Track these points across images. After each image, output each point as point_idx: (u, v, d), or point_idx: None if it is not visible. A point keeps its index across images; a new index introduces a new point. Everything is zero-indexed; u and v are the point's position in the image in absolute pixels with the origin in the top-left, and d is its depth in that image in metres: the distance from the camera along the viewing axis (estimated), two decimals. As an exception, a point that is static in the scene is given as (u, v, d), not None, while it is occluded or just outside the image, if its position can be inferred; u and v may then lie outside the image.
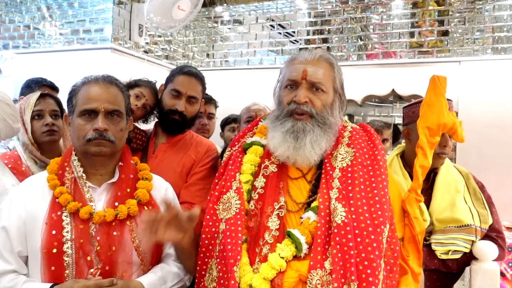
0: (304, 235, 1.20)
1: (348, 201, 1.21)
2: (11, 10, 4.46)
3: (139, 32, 4.14)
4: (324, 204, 1.22)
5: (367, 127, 1.42)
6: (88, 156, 1.36)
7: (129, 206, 1.34)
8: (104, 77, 1.40)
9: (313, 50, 1.36)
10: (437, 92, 1.51)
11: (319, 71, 1.31)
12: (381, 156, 1.31)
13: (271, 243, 1.22)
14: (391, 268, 1.22)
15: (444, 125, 1.51)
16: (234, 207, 1.29)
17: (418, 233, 1.35)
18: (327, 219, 1.20)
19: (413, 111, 1.91)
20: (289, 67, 1.36)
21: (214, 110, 2.83)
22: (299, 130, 1.29)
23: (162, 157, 1.85)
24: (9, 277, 1.27)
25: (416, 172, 1.47)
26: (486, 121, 3.58)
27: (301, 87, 1.31)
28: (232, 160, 1.42)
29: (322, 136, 1.30)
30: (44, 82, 2.79)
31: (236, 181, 1.35)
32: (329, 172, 1.28)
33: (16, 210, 1.31)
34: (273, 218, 1.25)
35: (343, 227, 1.16)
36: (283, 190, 1.30)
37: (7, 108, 1.62)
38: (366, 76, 4.04)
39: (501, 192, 3.25)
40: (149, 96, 1.98)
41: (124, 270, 1.30)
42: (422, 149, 1.48)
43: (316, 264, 1.14)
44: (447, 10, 3.85)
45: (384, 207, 1.22)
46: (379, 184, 1.25)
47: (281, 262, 1.17)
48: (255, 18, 4.64)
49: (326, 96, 1.32)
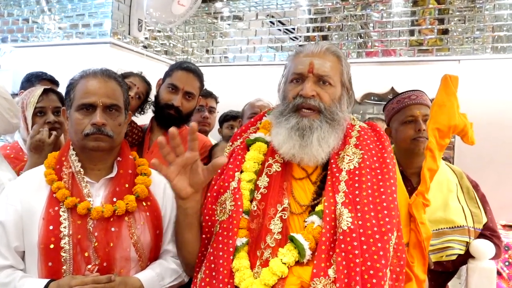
0: (307, 241, 1.14)
1: (355, 206, 1.15)
2: (10, 3, 4.43)
3: (139, 27, 4.12)
4: (330, 208, 1.16)
5: (376, 127, 1.36)
6: (86, 151, 1.35)
7: (127, 202, 1.33)
8: (103, 71, 1.39)
9: (319, 42, 1.30)
10: (449, 92, 1.43)
11: (327, 64, 1.25)
12: (390, 159, 1.26)
13: (273, 247, 1.16)
14: (397, 276, 1.16)
15: (454, 127, 1.43)
16: (228, 210, 1.23)
17: (424, 239, 1.29)
18: (332, 224, 1.14)
19: (393, 107, 1.92)
20: (295, 60, 1.30)
21: (215, 104, 2.83)
22: (305, 128, 1.22)
23: (157, 152, 1.85)
24: (5, 272, 1.27)
25: (424, 176, 1.40)
26: (485, 120, 3.58)
27: (308, 80, 1.24)
28: (233, 157, 1.35)
29: (331, 133, 1.24)
30: (45, 76, 2.78)
31: (234, 181, 1.27)
32: (335, 174, 1.22)
33: (13, 205, 1.30)
34: (276, 221, 1.19)
35: (349, 234, 1.10)
36: (287, 191, 1.24)
37: (4, 103, 1.59)
38: (365, 74, 4.02)
39: (499, 191, 3.26)
40: (140, 84, 1.99)
41: (122, 266, 1.30)
42: (431, 151, 1.41)
43: (320, 271, 1.09)
44: (447, 9, 3.85)
45: (392, 213, 1.16)
46: (387, 189, 1.19)
47: (283, 268, 1.11)
48: (255, 14, 4.63)
49: (334, 90, 1.26)
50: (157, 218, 1.40)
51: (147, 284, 1.31)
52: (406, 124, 1.84)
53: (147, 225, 1.36)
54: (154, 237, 1.38)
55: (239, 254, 1.17)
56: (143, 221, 1.36)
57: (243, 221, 1.21)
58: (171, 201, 1.46)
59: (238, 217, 1.20)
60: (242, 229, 1.21)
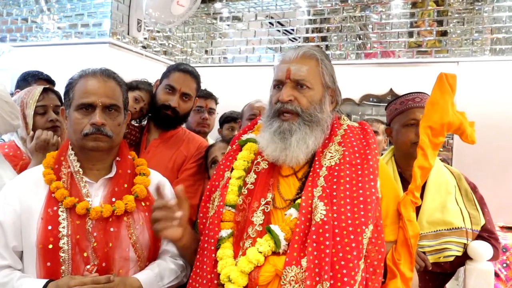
0: (283, 232, 1.20)
1: (331, 200, 1.21)
2: (8, 2, 4.42)
3: (138, 27, 4.11)
4: (307, 202, 1.22)
5: (365, 125, 1.40)
6: (85, 150, 1.35)
7: (126, 202, 1.33)
8: (102, 71, 1.39)
9: (298, 48, 1.37)
10: (443, 90, 1.42)
11: (303, 68, 1.31)
12: (373, 156, 1.30)
13: (253, 238, 1.22)
14: (374, 269, 1.21)
15: (448, 125, 1.42)
16: (215, 206, 1.32)
17: (411, 237, 1.30)
18: (308, 217, 1.20)
19: (396, 108, 1.91)
20: (277, 67, 1.39)
21: (215, 105, 2.85)
22: (285, 131, 1.29)
23: (154, 152, 1.87)
24: (3, 272, 1.26)
25: (414, 174, 1.40)
26: (484, 122, 3.57)
27: (286, 86, 1.31)
28: (225, 158, 1.44)
29: (310, 134, 1.30)
30: (41, 75, 2.77)
31: (223, 179, 1.37)
32: (317, 170, 1.28)
33: (11, 205, 1.30)
34: (258, 213, 1.25)
35: (321, 225, 1.16)
36: (272, 187, 1.31)
37: (6, 106, 1.60)
38: (364, 75, 4.03)
39: (497, 192, 3.27)
40: (147, 99, 2.02)
41: (121, 267, 1.30)
42: (422, 149, 1.41)
43: (292, 260, 1.15)
44: (446, 11, 3.86)
45: (368, 207, 1.20)
46: (366, 184, 1.24)
47: (258, 256, 1.18)
48: (254, 15, 4.63)
49: (312, 92, 1.32)
50: (156, 218, 1.40)
51: (146, 284, 1.31)
52: (407, 127, 1.84)
53: (146, 225, 1.36)
54: (153, 237, 1.38)
55: (224, 245, 1.25)
56: (142, 221, 1.36)
57: (229, 214, 1.30)
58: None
59: (220, 210, 1.30)
60: (229, 222, 1.29)
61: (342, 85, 1.43)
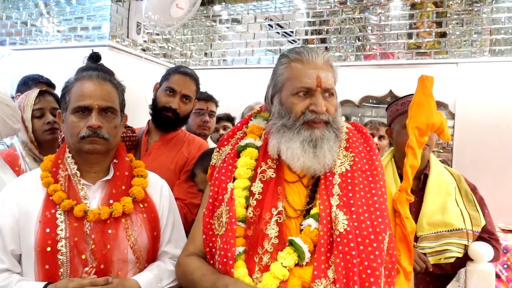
0: (306, 243, 1.17)
1: (349, 209, 1.19)
2: (8, 6, 4.43)
3: (137, 30, 4.12)
4: (325, 211, 1.20)
5: (359, 127, 1.40)
6: (82, 153, 1.35)
7: (124, 204, 1.32)
8: (98, 73, 1.38)
9: (318, 51, 1.30)
10: (426, 92, 1.51)
11: (329, 75, 1.27)
12: (378, 161, 1.31)
13: (271, 252, 1.18)
14: (389, 273, 1.21)
15: (432, 125, 1.52)
16: (224, 222, 1.25)
17: (410, 233, 1.35)
18: (328, 227, 1.18)
19: (397, 109, 1.91)
20: (296, 70, 1.27)
21: (215, 108, 2.86)
22: (318, 139, 1.24)
23: (155, 154, 1.89)
24: (2, 276, 1.26)
25: (406, 172, 1.46)
26: (483, 122, 3.59)
27: (318, 95, 1.24)
28: (225, 167, 1.34)
29: (336, 141, 1.28)
30: (41, 79, 2.78)
31: (227, 193, 1.28)
32: (329, 177, 1.26)
33: (9, 208, 1.29)
34: (272, 225, 1.21)
35: (345, 236, 1.14)
36: (281, 195, 1.26)
37: (7, 109, 1.61)
38: (364, 77, 4.04)
39: (497, 193, 3.27)
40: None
41: (120, 269, 1.29)
42: (412, 149, 1.48)
43: (320, 273, 1.13)
44: (445, 12, 3.86)
45: (384, 214, 1.21)
46: (378, 190, 1.24)
47: (284, 271, 1.14)
48: (253, 17, 4.64)
49: (335, 99, 1.30)
50: (154, 219, 1.39)
51: (145, 286, 1.30)
52: None
53: (144, 227, 1.36)
54: (152, 239, 1.37)
55: (236, 264, 1.19)
56: (140, 223, 1.35)
57: (239, 230, 1.23)
58: (168, 202, 1.47)
59: (233, 228, 1.22)
60: (239, 238, 1.23)
61: (342, 87, 1.43)
